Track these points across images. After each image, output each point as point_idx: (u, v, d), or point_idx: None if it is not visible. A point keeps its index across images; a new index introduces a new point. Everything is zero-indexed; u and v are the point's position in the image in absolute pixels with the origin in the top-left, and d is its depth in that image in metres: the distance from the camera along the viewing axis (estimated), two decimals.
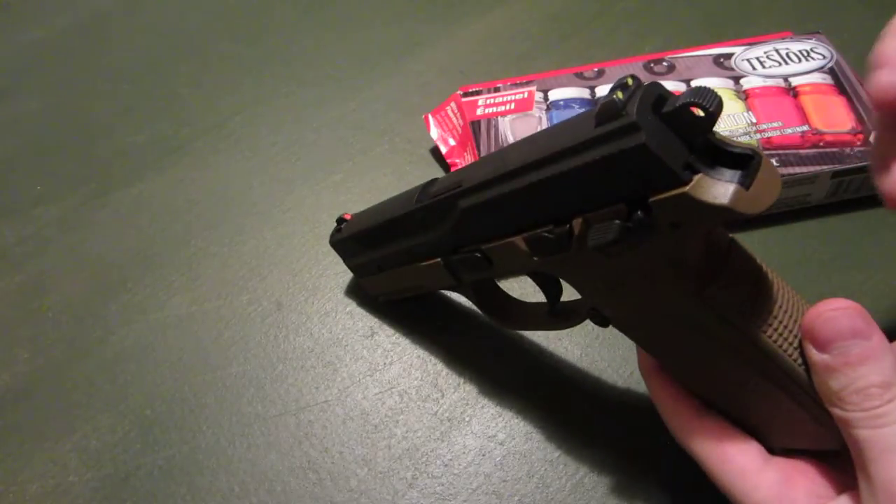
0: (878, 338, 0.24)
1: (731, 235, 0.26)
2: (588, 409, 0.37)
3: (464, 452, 0.36)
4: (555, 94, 0.48)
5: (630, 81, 0.23)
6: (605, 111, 0.23)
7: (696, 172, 0.22)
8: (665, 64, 0.49)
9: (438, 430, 0.37)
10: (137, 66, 0.59)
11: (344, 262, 0.41)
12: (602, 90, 0.47)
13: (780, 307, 0.25)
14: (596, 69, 0.49)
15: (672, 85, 0.47)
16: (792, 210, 0.43)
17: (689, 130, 0.22)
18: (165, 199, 0.49)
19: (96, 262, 0.45)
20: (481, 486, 0.35)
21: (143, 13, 0.64)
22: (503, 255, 0.30)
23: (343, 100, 0.54)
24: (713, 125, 0.22)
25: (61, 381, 0.40)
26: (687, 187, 0.22)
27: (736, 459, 0.26)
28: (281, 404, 0.38)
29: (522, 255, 0.29)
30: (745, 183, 0.22)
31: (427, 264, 0.34)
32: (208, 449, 0.37)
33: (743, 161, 0.22)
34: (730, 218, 0.22)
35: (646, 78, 0.48)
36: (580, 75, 0.49)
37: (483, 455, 0.36)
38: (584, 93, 0.48)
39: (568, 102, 0.47)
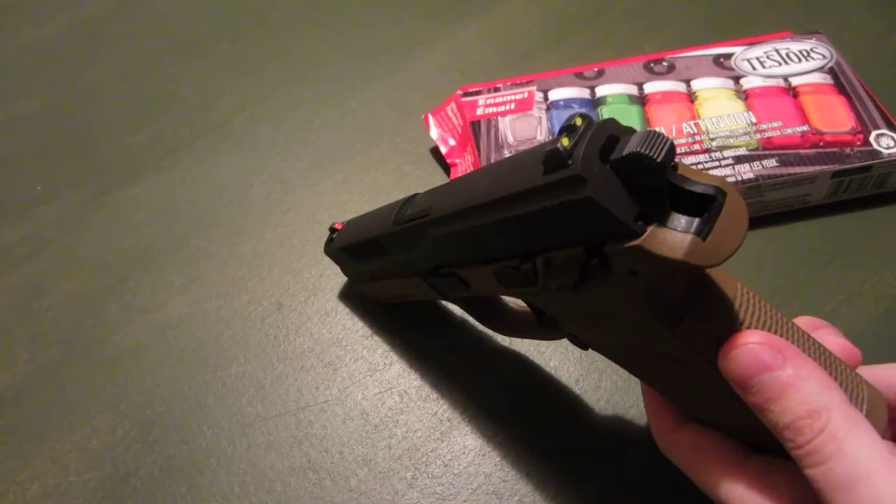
0: (795, 364, 0.22)
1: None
2: (589, 409, 0.37)
3: (464, 452, 0.36)
4: (555, 94, 0.48)
5: (579, 121, 0.22)
6: (550, 160, 0.21)
7: (651, 222, 0.21)
8: (665, 64, 0.48)
9: (438, 430, 0.37)
10: (137, 66, 0.59)
11: (340, 269, 0.42)
12: (602, 90, 0.48)
13: None
14: (596, 69, 0.49)
15: (671, 85, 0.47)
16: (792, 210, 0.43)
17: (640, 178, 0.21)
18: (165, 199, 0.49)
19: (96, 262, 0.45)
20: (481, 486, 0.35)
21: (143, 13, 0.64)
22: (478, 281, 0.30)
23: (343, 100, 0.54)
24: (664, 173, 0.21)
25: (61, 381, 0.40)
26: (639, 240, 0.21)
27: (711, 461, 0.26)
28: (281, 404, 0.38)
29: (495, 285, 0.29)
30: (702, 232, 0.20)
31: (412, 280, 0.34)
32: (208, 449, 0.37)
33: (704, 203, 0.21)
34: (688, 270, 0.20)
35: (646, 78, 0.48)
36: (580, 75, 0.49)
37: (483, 455, 0.36)
38: (584, 93, 0.48)
39: (568, 102, 0.47)
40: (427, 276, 0.33)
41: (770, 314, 0.24)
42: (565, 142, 0.21)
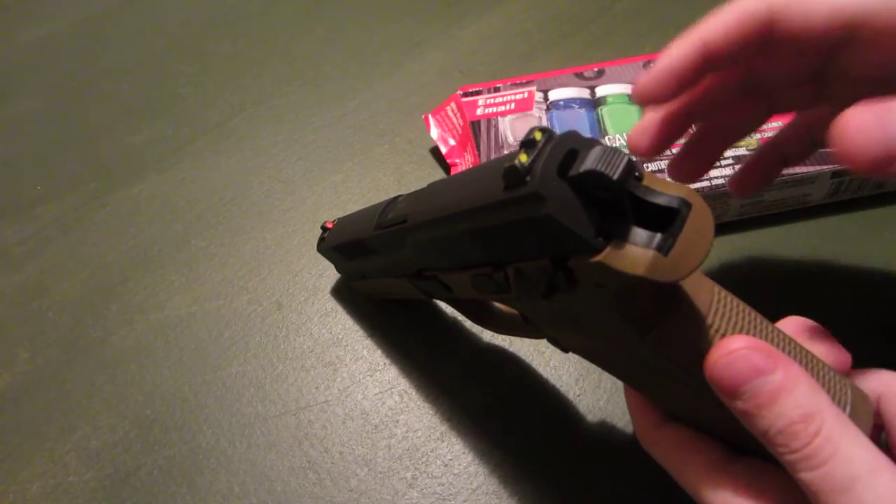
0: (785, 367, 0.22)
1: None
2: (591, 408, 0.37)
3: (464, 452, 0.36)
4: (555, 94, 0.48)
5: (538, 136, 0.21)
6: (508, 177, 0.21)
7: (612, 237, 0.20)
8: None
9: (438, 430, 0.37)
10: (137, 66, 0.59)
11: (334, 267, 0.42)
12: (602, 90, 0.47)
13: None
14: (596, 69, 0.49)
15: None
16: (792, 210, 0.43)
17: (599, 193, 0.20)
18: (165, 199, 0.49)
19: (96, 262, 0.46)
20: (481, 486, 0.35)
21: (144, 13, 0.64)
22: (458, 286, 0.30)
23: (343, 100, 0.54)
24: (622, 190, 0.20)
25: (61, 381, 0.40)
26: (600, 256, 0.20)
27: (696, 461, 0.25)
28: (281, 404, 0.38)
29: (473, 290, 0.29)
30: (663, 247, 0.20)
31: (400, 281, 0.35)
32: (208, 449, 0.37)
33: (667, 216, 0.20)
34: (649, 285, 0.20)
35: None
36: (580, 75, 0.49)
37: (483, 455, 0.36)
38: (584, 93, 0.48)
39: (568, 102, 0.47)
40: (412, 279, 0.33)
41: (748, 317, 0.24)
42: (524, 158, 0.21)
